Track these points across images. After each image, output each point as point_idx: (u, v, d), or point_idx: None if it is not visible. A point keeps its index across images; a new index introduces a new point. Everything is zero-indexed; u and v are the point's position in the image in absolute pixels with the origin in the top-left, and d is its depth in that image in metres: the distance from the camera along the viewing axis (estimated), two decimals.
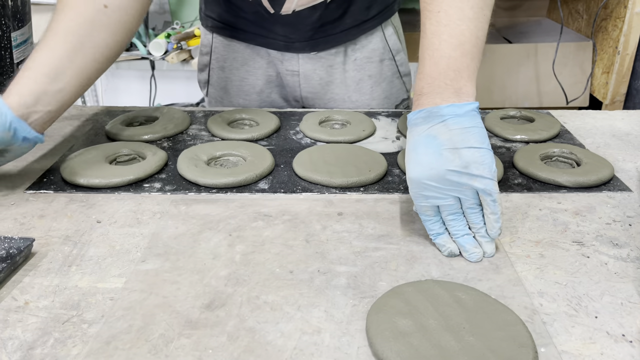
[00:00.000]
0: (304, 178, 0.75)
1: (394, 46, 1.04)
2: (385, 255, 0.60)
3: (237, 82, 1.06)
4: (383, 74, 1.05)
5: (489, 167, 0.57)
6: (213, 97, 1.10)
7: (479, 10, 0.62)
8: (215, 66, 1.07)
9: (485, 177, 0.57)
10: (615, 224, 0.66)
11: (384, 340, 0.46)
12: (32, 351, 0.47)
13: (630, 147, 0.87)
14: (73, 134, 0.90)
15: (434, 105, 0.59)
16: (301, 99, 1.07)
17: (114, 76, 2.59)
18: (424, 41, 0.63)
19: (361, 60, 1.03)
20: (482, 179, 0.57)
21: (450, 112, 0.59)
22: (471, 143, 0.57)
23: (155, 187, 0.73)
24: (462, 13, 0.61)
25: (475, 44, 0.62)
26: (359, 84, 1.04)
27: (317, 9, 0.94)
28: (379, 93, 1.06)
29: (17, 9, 0.81)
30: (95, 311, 0.51)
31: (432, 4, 0.63)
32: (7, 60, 0.81)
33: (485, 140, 0.58)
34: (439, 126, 0.59)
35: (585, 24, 1.97)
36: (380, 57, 1.03)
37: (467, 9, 0.61)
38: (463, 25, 0.61)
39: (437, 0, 0.62)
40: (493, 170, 0.57)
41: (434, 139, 0.58)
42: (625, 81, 1.78)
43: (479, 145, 0.58)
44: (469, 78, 0.61)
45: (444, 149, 0.57)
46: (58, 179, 0.75)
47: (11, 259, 0.56)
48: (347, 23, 0.98)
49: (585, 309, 0.52)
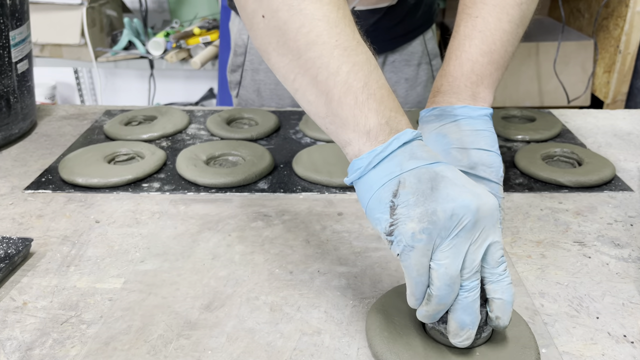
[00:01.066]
0: (303, 178, 0.75)
1: (432, 50, 1.04)
2: (385, 255, 0.59)
3: (272, 85, 1.04)
4: (419, 78, 1.04)
5: (496, 171, 0.54)
6: (244, 99, 1.08)
7: (515, 27, 0.61)
8: (249, 68, 1.05)
9: (492, 180, 0.54)
10: (617, 224, 0.66)
11: (383, 341, 0.46)
12: (30, 352, 0.47)
13: (632, 147, 0.86)
14: (71, 133, 0.90)
15: (449, 105, 0.59)
16: None
17: (112, 75, 2.59)
18: (454, 42, 0.61)
19: (399, 63, 1.02)
20: (489, 182, 0.54)
21: (463, 113, 0.58)
22: (481, 145, 0.55)
23: (154, 187, 0.73)
24: (499, 24, 0.60)
25: (503, 56, 0.61)
26: (395, 87, 1.03)
27: (376, 13, 0.94)
28: (413, 97, 1.05)
29: (15, 7, 0.81)
30: (94, 312, 0.51)
31: (472, 7, 0.61)
32: (6, 59, 0.81)
33: (495, 144, 0.56)
34: (450, 125, 0.57)
35: (587, 23, 1.97)
36: (419, 60, 1.03)
37: (505, 22, 0.60)
38: (497, 35, 0.60)
39: (478, 6, 0.61)
40: (500, 175, 0.55)
41: (444, 137, 0.57)
42: (627, 80, 1.78)
43: (489, 148, 0.55)
44: (489, 86, 0.60)
45: (453, 148, 0.55)
46: (56, 179, 0.74)
47: (9, 259, 0.55)
48: (397, 32, 0.98)
49: (587, 309, 0.52)
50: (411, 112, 0.95)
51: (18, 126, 0.86)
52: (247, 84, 1.06)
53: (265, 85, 1.04)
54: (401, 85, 1.03)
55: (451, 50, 0.61)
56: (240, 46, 1.04)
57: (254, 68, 1.04)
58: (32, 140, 0.87)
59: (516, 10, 0.60)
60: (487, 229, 0.42)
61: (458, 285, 0.42)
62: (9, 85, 0.83)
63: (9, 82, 0.83)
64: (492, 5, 0.60)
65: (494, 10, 0.60)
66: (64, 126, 0.92)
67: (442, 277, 0.41)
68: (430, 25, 1.04)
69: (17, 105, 0.85)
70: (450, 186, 0.41)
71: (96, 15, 2.12)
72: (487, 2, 0.60)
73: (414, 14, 0.97)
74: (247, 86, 1.06)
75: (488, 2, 0.60)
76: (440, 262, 0.41)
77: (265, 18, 0.46)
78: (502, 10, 0.60)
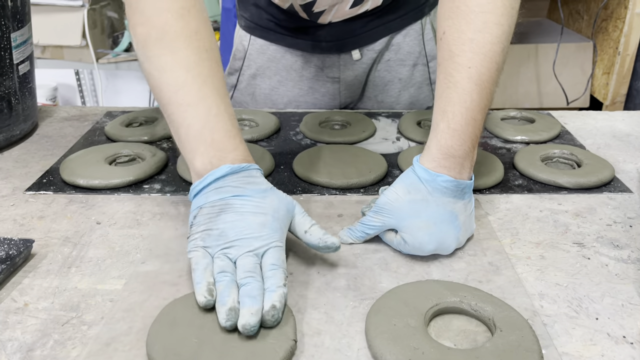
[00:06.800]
0: (304, 179, 0.75)
1: (430, 52, 1.02)
2: (385, 257, 0.60)
3: (267, 90, 1.05)
4: (413, 79, 1.03)
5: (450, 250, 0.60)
6: (238, 101, 1.09)
7: (495, 78, 0.61)
8: (247, 72, 1.05)
9: (443, 254, 0.60)
10: (616, 225, 0.66)
11: (383, 342, 0.46)
12: (31, 353, 0.47)
13: (631, 148, 0.86)
14: (72, 134, 0.90)
15: (460, 179, 0.59)
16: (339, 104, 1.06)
17: (113, 77, 2.60)
18: (453, 94, 0.59)
19: (394, 62, 1.01)
20: None
21: (468, 190, 0.61)
22: (471, 230, 0.62)
23: (155, 188, 0.73)
24: (489, 74, 0.59)
25: (484, 115, 0.61)
26: (387, 86, 1.03)
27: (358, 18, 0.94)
28: (405, 97, 1.05)
29: (16, 9, 0.81)
30: (95, 313, 0.51)
31: (461, 56, 0.59)
32: (7, 60, 0.81)
33: None
34: (460, 205, 0.60)
35: (586, 25, 1.97)
36: (415, 61, 1.02)
37: (495, 72, 0.60)
38: (488, 89, 0.60)
39: (466, 53, 0.59)
40: None
41: (456, 219, 0.59)
42: (626, 82, 1.78)
43: (471, 232, 0.62)
44: (475, 149, 0.62)
45: (460, 233, 0.59)
46: (58, 180, 0.75)
47: (11, 261, 0.56)
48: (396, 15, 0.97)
49: (586, 310, 0.52)
50: (410, 114, 0.95)
51: (19, 127, 0.86)
52: (243, 88, 1.07)
53: (261, 89, 1.05)
54: (394, 85, 1.03)
55: (453, 103, 0.59)
56: (240, 51, 1.05)
57: (252, 73, 1.04)
58: (34, 142, 0.88)
59: (501, 57, 0.60)
60: (244, 247, 0.52)
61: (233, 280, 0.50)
62: (10, 87, 0.83)
63: (10, 84, 0.83)
64: (483, 55, 0.59)
65: (484, 61, 0.59)
66: (65, 127, 0.93)
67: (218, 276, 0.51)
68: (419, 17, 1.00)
69: (18, 106, 0.85)
70: (230, 213, 0.54)
71: (97, 17, 2.13)
72: (477, 52, 0.59)
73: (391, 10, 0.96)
74: (243, 90, 1.07)
75: (478, 52, 0.59)
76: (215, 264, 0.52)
77: (145, 71, 0.62)
78: (492, 60, 0.59)
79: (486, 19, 0.59)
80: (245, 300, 0.48)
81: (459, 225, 0.59)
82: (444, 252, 0.59)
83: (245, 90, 1.07)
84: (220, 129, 0.58)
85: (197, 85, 0.59)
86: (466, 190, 0.60)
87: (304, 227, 0.57)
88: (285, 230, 0.56)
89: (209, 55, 0.60)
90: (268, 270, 0.51)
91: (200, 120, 0.58)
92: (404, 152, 0.82)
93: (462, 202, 0.60)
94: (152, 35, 0.59)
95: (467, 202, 0.60)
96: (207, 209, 0.55)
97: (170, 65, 0.59)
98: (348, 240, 0.61)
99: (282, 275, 0.50)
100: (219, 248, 0.52)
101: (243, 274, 0.50)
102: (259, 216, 0.54)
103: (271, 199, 0.56)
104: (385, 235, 0.61)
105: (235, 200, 0.55)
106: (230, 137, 0.58)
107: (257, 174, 0.58)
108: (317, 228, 0.57)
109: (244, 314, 0.46)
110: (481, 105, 0.60)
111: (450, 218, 0.58)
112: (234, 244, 0.52)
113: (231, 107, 0.61)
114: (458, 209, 0.59)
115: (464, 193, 0.60)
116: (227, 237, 0.53)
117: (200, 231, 0.54)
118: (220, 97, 0.59)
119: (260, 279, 0.50)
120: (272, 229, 0.54)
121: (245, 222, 0.53)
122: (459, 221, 0.59)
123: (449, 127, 0.59)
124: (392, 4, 0.95)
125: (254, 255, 0.52)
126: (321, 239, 0.56)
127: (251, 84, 1.06)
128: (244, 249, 0.52)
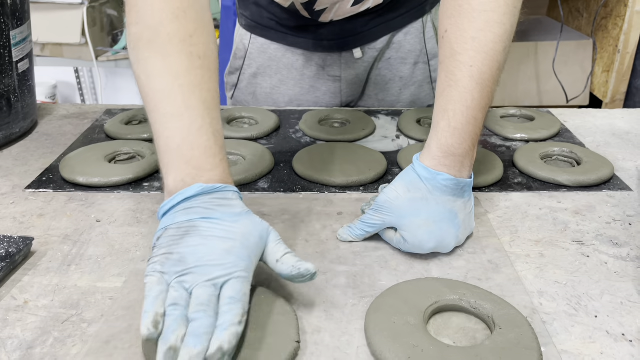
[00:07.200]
0: (303, 177, 0.75)
1: (431, 50, 1.02)
2: (384, 255, 0.60)
3: (268, 89, 1.05)
4: (414, 78, 1.03)
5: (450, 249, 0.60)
6: (239, 100, 1.09)
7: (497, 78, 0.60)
8: (247, 71, 1.05)
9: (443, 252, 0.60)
10: (615, 223, 0.66)
11: (382, 340, 0.46)
12: (31, 350, 0.47)
13: (631, 146, 0.86)
14: (72, 132, 0.90)
15: (460, 178, 0.59)
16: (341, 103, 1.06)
17: (113, 75, 2.59)
18: (455, 93, 0.59)
19: (395, 61, 1.01)
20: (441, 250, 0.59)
21: (468, 188, 0.61)
22: (470, 228, 0.62)
23: (154, 186, 0.73)
24: (490, 72, 0.59)
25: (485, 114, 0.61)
26: (388, 85, 1.03)
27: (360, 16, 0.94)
28: (406, 96, 1.04)
29: (16, 7, 0.81)
30: (95, 310, 0.51)
31: (463, 54, 0.59)
32: (6, 58, 0.81)
33: None
34: (460, 203, 0.60)
35: (586, 23, 1.97)
36: (415, 60, 1.01)
37: (496, 70, 0.60)
38: (489, 88, 0.60)
39: (468, 51, 0.59)
40: None
41: (456, 217, 0.59)
42: (626, 80, 1.78)
43: (470, 230, 0.62)
44: (475, 148, 0.61)
45: (460, 232, 0.59)
46: (57, 178, 0.75)
47: (10, 258, 0.56)
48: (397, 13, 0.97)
49: (585, 308, 0.52)
50: (410, 112, 0.95)
51: (19, 125, 0.86)
52: (244, 87, 1.07)
53: (262, 89, 1.05)
54: (395, 83, 1.03)
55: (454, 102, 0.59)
56: (240, 50, 1.05)
57: (253, 73, 1.04)
58: (33, 140, 0.88)
59: (502, 56, 0.60)
60: (202, 275, 0.47)
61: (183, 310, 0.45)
62: (9, 85, 0.83)
63: (9, 82, 0.83)
64: (484, 53, 0.59)
65: (486, 60, 0.59)
66: (65, 125, 0.93)
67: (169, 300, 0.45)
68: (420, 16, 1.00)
69: (18, 104, 0.85)
70: (195, 237, 0.49)
71: (97, 15, 2.12)
72: (479, 50, 0.58)
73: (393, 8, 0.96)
74: (243, 89, 1.07)
75: (480, 50, 0.58)
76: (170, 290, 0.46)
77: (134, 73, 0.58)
78: (493, 59, 0.59)
79: (489, 17, 0.59)
80: (189, 340, 0.42)
81: (459, 223, 0.59)
82: (444, 250, 0.59)
83: (246, 90, 1.07)
84: (200, 145, 0.54)
85: (183, 95, 0.54)
86: (466, 188, 0.60)
87: (277, 255, 0.51)
88: (255, 260, 0.50)
89: (202, 62, 0.56)
90: (225, 304, 0.45)
91: (181, 134, 0.54)
92: (404, 150, 0.82)
93: (461, 200, 0.60)
94: (145, 36, 0.56)
95: (466, 200, 0.61)
96: (173, 231, 0.50)
97: (159, 71, 0.55)
98: (348, 238, 0.61)
99: (240, 311, 0.44)
100: (175, 275, 0.46)
101: (195, 307, 0.44)
102: (227, 241, 0.49)
103: (243, 223, 0.51)
104: (385, 234, 0.61)
105: (202, 223, 0.50)
106: (209, 155, 0.54)
107: (233, 197, 0.53)
108: (290, 256, 0.51)
109: (182, 356, 0.41)
110: (482, 104, 0.60)
111: (450, 216, 0.58)
112: (192, 271, 0.47)
113: (219, 122, 0.56)
114: (458, 208, 0.59)
115: (463, 191, 0.60)
116: (185, 263, 0.47)
117: (161, 254, 0.48)
118: (207, 110, 0.55)
119: (212, 314, 0.44)
120: (238, 257, 0.48)
121: (209, 247, 0.48)
122: (459, 219, 0.59)
123: (450, 125, 0.59)
124: (394, 2, 0.95)
125: (212, 285, 0.46)
126: (294, 267, 0.50)
127: (252, 83, 1.06)
128: (202, 278, 0.46)
